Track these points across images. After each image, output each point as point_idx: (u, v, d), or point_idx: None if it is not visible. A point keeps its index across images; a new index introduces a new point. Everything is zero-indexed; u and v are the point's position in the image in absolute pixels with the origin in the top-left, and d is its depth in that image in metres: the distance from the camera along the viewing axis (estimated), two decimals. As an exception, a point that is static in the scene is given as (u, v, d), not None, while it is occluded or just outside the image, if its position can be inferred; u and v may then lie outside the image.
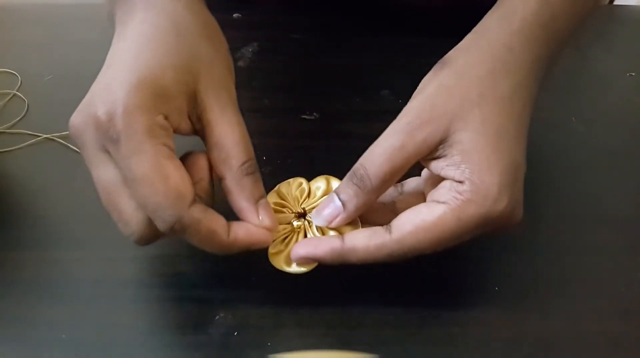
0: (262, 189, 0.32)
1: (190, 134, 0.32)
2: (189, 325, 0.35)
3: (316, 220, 0.33)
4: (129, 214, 0.29)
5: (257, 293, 0.36)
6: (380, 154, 0.31)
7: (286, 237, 0.34)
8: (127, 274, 0.37)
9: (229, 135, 0.31)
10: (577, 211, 0.42)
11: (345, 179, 0.33)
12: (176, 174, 0.28)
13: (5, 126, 0.47)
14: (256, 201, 0.32)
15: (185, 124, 0.31)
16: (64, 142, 0.45)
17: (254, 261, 0.35)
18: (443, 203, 0.30)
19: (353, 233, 0.32)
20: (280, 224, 0.34)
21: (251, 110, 0.34)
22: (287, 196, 0.36)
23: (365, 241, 0.31)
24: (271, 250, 0.33)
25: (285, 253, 0.33)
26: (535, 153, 0.35)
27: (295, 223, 0.34)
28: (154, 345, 0.34)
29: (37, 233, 0.39)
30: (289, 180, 0.36)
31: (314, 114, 0.47)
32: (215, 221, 0.30)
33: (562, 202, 0.42)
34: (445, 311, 0.35)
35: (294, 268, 0.33)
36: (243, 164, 0.31)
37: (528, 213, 0.34)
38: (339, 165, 0.35)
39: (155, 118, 0.28)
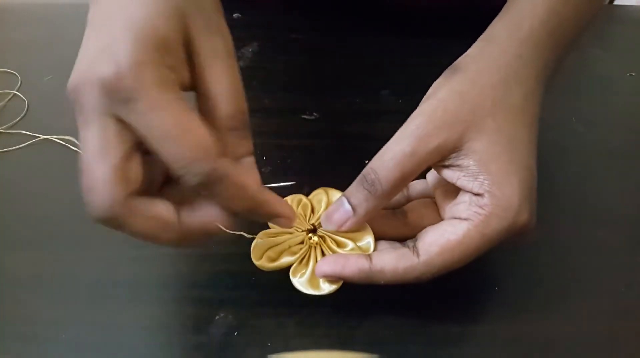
0: (248, 146, 0.29)
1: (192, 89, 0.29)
2: (189, 325, 0.35)
3: (326, 225, 0.33)
4: (102, 186, 0.26)
5: (257, 293, 0.36)
6: (390, 159, 0.31)
7: (303, 258, 0.34)
8: (127, 274, 0.37)
9: (217, 83, 0.28)
10: (577, 211, 0.42)
11: (355, 183, 0.32)
12: (200, 126, 0.26)
13: (5, 126, 0.47)
14: (237, 159, 0.29)
15: (187, 76, 0.28)
16: (63, 143, 0.45)
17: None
18: (465, 219, 0.30)
19: (380, 253, 0.32)
20: (294, 245, 0.34)
21: (251, 110, 0.34)
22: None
23: (393, 263, 0.31)
24: (292, 274, 0.33)
25: (308, 275, 0.33)
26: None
27: (313, 239, 0.34)
28: (154, 345, 0.34)
29: (37, 233, 0.39)
30: (286, 198, 0.36)
31: (314, 114, 0.47)
32: (245, 175, 0.28)
33: (562, 202, 0.42)
34: (445, 311, 0.35)
35: (322, 290, 0.33)
36: (229, 116, 0.28)
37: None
38: (339, 165, 0.35)
39: (163, 72, 0.26)
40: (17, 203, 0.41)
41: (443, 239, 0.30)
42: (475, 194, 0.31)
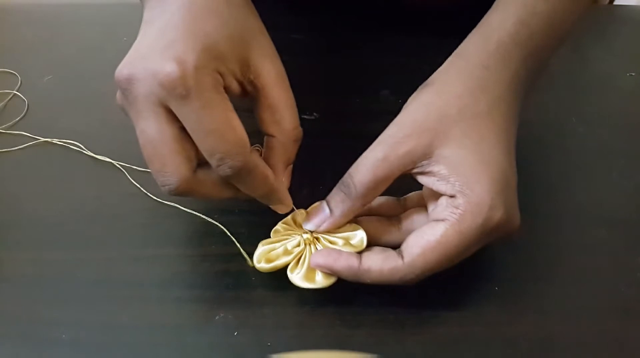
0: (295, 155, 0.36)
1: (237, 96, 0.33)
2: (189, 325, 0.35)
3: (306, 225, 0.36)
4: (172, 168, 0.31)
5: (257, 293, 0.36)
6: (364, 164, 0.33)
7: (300, 258, 0.35)
8: (127, 274, 0.37)
9: (283, 99, 0.34)
10: (577, 211, 0.42)
11: (335, 187, 0.35)
12: (239, 125, 0.31)
13: (5, 126, 0.47)
14: (287, 166, 0.36)
15: (234, 87, 0.33)
16: (63, 143, 0.45)
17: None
18: (442, 220, 0.32)
19: (369, 254, 0.34)
20: (291, 248, 0.36)
21: (251, 110, 0.34)
22: (291, 223, 0.37)
23: (379, 264, 0.33)
24: (290, 271, 0.35)
25: (304, 270, 0.34)
26: (535, 153, 0.35)
27: (305, 236, 0.36)
28: (154, 345, 0.34)
29: (37, 233, 0.39)
30: (288, 217, 0.37)
31: (314, 114, 0.47)
32: (266, 167, 0.34)
33: (561, 202, 0.42)
34: (445, 312, 0.35)
35: (317, 283, 0.34)
36: (294, 128, 0.34)
37: (528, 212, 0.34)
38: (338, 165, 0.35)
39: (217, 77, 0.31)
40: (17, 203, 0.41)
41: (423, 240, 0.32)
42: (450, 196, 0.32)
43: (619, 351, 0.34)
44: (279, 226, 0.37)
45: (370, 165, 0.33)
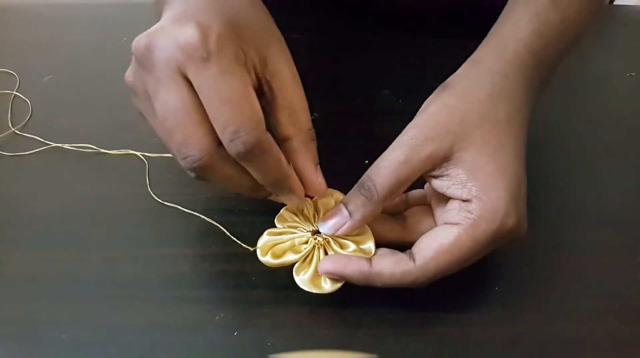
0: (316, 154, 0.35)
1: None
2: (189, 325, 0.35)
3: (323, 229, 0.35)
4: (196, 139, 0.29)
5: (257, 293, 0.36)
6: (386, 166, 0.33)
7: (307, 257, 0.35)
8: (127, 274, 0.37)
9: (300, 101, 0.33)
10: (577, 211, 0.42)
11: (353, 190, 0.34)
12: (257, 102, 0.30)
13: (8, 129, 0.47)
14: (316, 165, 0.34)
15: (252, 78, 0.31)
16: (74, 148, 0.45)
17: (253, 261, 0.35)
18: (456, 224, 0.32)
19: (379, 257, 0.33)
20: (298, 245, 0.35)
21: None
22: (296, 215, 0.36)
23: (391, 267, 0.32)
24: (296, 272, 0.34)
25: (311, 273, 0.34)
26: (535, 153, 0.35)
27: (317, 239, 0.35)
28: (154, 345, 0.34)
29: (37, 233, 0.39)
30: None
31: (314, 114, 0.47)
32: (280, 152, 0.32)
33: (561, 202, 0.42)
34: (445, 312, 0.35)
35: (324, 289, 0.33)
36: (310, 129, 0.33)
37: (528, 212, 0.34)
38: (339, 165, 0.35)
39: (240, 53, 0.30)
40: (16, 203, 0.41)
41: (436, 243, 0.32)
42: (464, 201, 0.32)
43: (619, 351, 0.34)
44: (283, 212, 0.36)
45: (392, 168, 0.32)
